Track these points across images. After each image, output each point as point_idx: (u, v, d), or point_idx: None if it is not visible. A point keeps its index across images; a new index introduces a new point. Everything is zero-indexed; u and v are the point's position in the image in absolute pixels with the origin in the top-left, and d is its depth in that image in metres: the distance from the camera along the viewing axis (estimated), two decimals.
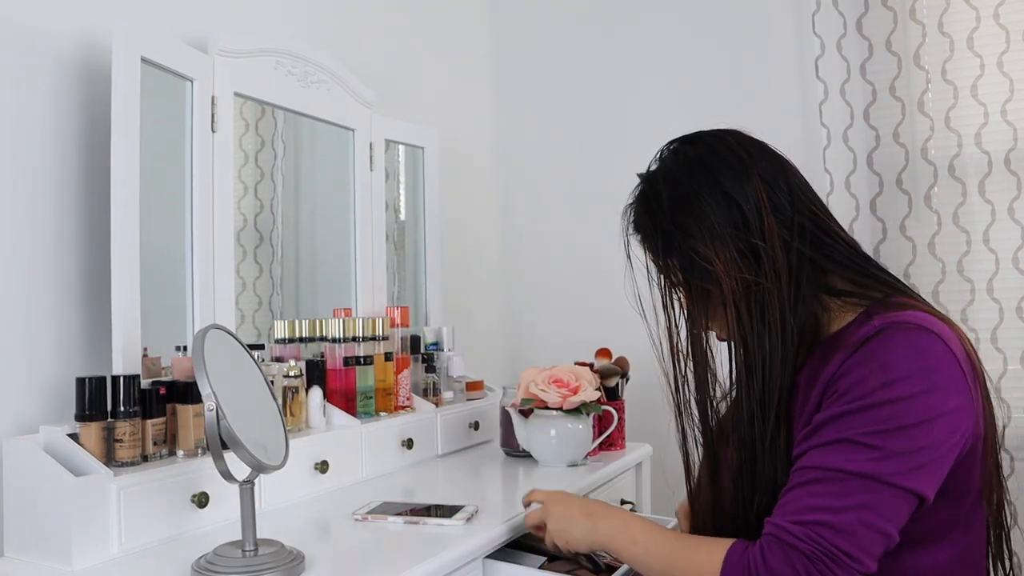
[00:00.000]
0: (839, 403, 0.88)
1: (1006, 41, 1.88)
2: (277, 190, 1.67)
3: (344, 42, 1.90)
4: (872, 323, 0.90)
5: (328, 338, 1.59)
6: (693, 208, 0.97)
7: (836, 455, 0.86)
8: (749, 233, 0.95)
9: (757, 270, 0.94)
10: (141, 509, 1.11)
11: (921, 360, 0.86)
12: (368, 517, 1.25)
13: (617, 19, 2.41)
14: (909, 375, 0.85)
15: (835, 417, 0.87)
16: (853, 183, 2.01)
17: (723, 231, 0.95)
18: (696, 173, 0.99)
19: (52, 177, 1.25)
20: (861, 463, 0.84)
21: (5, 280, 1.18)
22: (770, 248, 0.94)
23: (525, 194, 2.56)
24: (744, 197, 0.96)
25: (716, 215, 0.96)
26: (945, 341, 0.88)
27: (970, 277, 1.92)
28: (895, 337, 0.87)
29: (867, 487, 0.84)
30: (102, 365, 1.26)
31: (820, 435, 0.88)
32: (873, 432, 0.84)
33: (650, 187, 1.04)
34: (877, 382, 0.85)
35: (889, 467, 0.84)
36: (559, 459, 1.64)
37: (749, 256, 0.95)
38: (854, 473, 0.84)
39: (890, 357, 0.86)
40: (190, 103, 1.39)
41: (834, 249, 0.98)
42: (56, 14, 1.26)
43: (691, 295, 1.00)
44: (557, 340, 2.41)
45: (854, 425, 0.86)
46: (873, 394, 0.85)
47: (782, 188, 0.98)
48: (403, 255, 2.01)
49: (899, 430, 0.84)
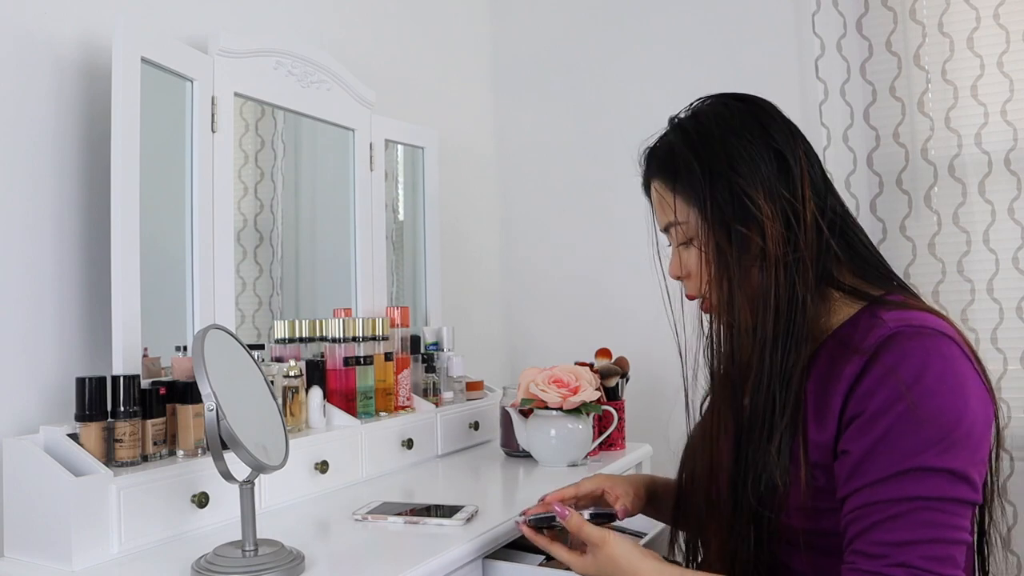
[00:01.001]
0: (879, 429, 0.82)
1: (1006, 41, 1.88)
2: (277, 190, 1.67)
3: (344, 42, 1.90)
4: (885, 324, 0.86)
5: (328, 338, 1.59)
6: (744, 152, 0.91)
7: (907, 485, 0.80)
8: (794, 197, 0.90)
9: (796, 239, 0.89)
10: (141, 509, 1.11)
11: (948, 367, 0.82)
12: (368, 517, 1.25)
13: (617, 19, 2.41)
14: (942, 385, 0.81)
15: (884, 446, 0.81)
16: (853, 183, 2.01)
17: (773, 184, 0.90)
18: (748, 122, 0.93)
19: (52, 177, 1.25)
20: (933, 487, 0.79)
21: (5, 280, 1.18)
22: (808, 220, 0.90)
23: (525, 194, 2.56)
24: (794, 160, 0.91)
25: (767, 166, 0.90)
26: (960, 346, 0.86)
27: (970, 277, 1.91)
28: (913, 344, 0.83)
29: (947, 508, 0.79)
30: (102, 365, 1.26)
31: (873, 468, 0.82)
32: (932, 451, 0.80)
33: (694, 123, 0.96)
34: (917, 395, 0.80)
35: (960, 490, 0.80)
36: (559, 459, 1.64)
37: (792, 221, 0.89)
38: (934, 498, 0.79)
39: (917, 367, 0.82)
40: (190, 103, 1.39)
41: (856, 240, 0.95)
42: (56, 14, 1.26)
43: (730, 241, 0.92)
44: (557, 340, 2.42)
45: (908, 451, 0.80)
46: (915, 411, 0.80)
47: (817, 169, 0.95)
48: (403, 255, 2.01)
49: (953, 442, 0.80)
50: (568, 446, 1.63)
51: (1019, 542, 1.87)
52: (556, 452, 1.64)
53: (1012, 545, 1.87)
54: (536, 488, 1.48)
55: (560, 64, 2.50)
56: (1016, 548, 1.87)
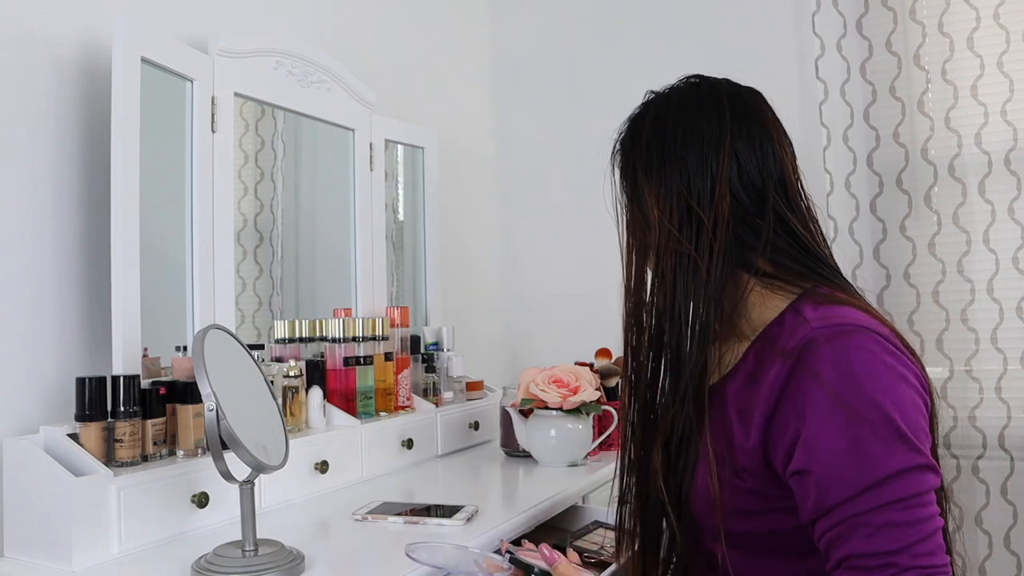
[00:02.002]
0: (832, 444, 0.81)
1: (1006, 41, 1.88)
2: (277, 190, 1.68)
3: (344, 42, 1.90)
4: (807, 324, 0.86)
5: (328, 338, 1.59)
6: (664, 151, 0.97)
7: (880, 494, 0.80)
8: (699, 196, 0.93)
9: (694, 238, 0.93)
10: (141, 509, 1.11)
11: (873, 361, 0.83)
12: (368, 517, 1.25)
13: (617, 19, 2.41)
14: (873, 382, 0.81)
15: (844, 459, 0.81)
16: (853, 183, 2.01)
17: (677, 184, 0.95)
18: (681, 116, 0.99)
19: (52, 177, 1.25)
20: (905, 487, 0.80)
21: (5, 280, 1.18)
22: (716, 217, 0.92)
23: (525, 194, 2.56)
24: (716, 158, 0.94)
25: (680, 165, 0.95)
26: (882, 337, 0.85)
27: (970, 277, 1.92)
28: (835, 346, 0.83)
29: (921, 500, 0.80)
30: (102, 365, 1.26)
31: (840, 485, 0.81)
32: (888, 453, 0.80)
33: (642, 111, 1.06)
34: (853, 400, 0.81)
35: (928, 480, 0.80)
36: (559, 459, 1.64)
37: (690, 218, 0.93)
38: (909, 496, 0.80)
39: (843, 370, 0.82)
40: (190, 103, 1.39)
41: (799, 235, 0.95)
42: (56, 14, 1.26)
43: (630, 233, 1.03)
44: (557, 340, 2.41)
45: (868, 459, 0.80)
46: (856, 416, 0.81)
47: (752, 162, 0.95)
48: (403, 255, 2.01)
49: (902, 435, 0.80)
50: (568, 446, 1.63)
51: (1019, 542, 1.87)
52: (556, 452, 1.64)
53: (1012, 545, 1.87)
54: (536, 488, 1.48)
55: (560, 64, 2.50)
56: (1016, 548, 1.87)
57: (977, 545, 1.89)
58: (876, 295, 1.99)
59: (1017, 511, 1.86)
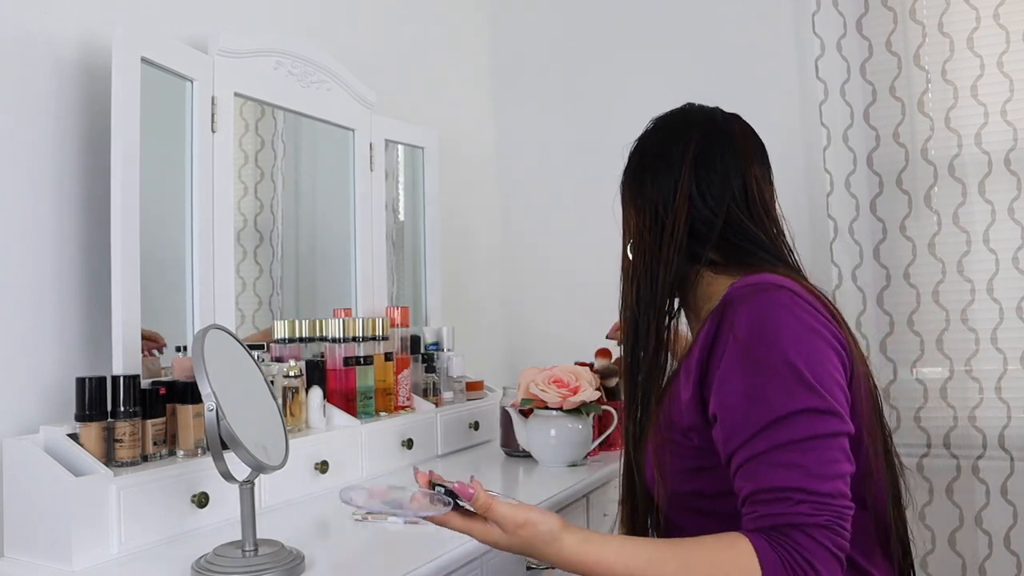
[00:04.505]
0: (738, 387, 0.90)
1: (1006, 41, 1.88)
2: (277, 190, 1.68)
3: (344, 42, 1.90)
4: (730, 288, 0.97)
5: (328, 338, 1.59)
6: (647, 169, 1.12)
7: (778, 432, 0.87)
8: (664, 207, 1.07)
9: (658, 237, 1.07)
10: (141, 509, 1.11)
11: (785, 314, 0.90)
12: (368, 517, 1.25)
13: (616, 19, 2.41)
14: (781, 333, 0.89)
15: (747, 402, 0.89)
16: (853, 183, 2.01)
17: (653, 195, 1.09)
18: (663, 142, 1.12)
19: (52, 177, 1.25)
20: (804, 428, 0.86)
21: (5, 280, 1.18)
22: (671, 222, 1.06)
23: (525, 194, 2.56)
24: (679, 174, 1.07)
25: (655, 179, 1.10)
26: (798, 294, 0.92)
27: (970, 277, 1.91)
28: (750, 302, 0.92)
29: (821, 443, 0.86)
30: (102, 365, 1.26)
31: (744, 426, 0.89)
32: (790, 396, 0.87)
33: (643, 138, 1.18)
34: (760, 348, 0.89)
35: (829, 424, 0.86)
36: (559, 459, 1.64)
37: (658, 223, 1.08)
38: (808, 437, 0.86)
39: (754, 321, 0.90)
40: (190, 103, 1.39)
41: (755, 236, 1.05)
42: (56, 14, 1.26)
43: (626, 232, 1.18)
44: (557, 340, 2.41)
45: (770, 402, 0.87)
46: (762, 363, 0.88)
47: (711, 177, 1.06)
48: (403, 255, 2.01)
49: (807, 383, 0.86)
50: (568, 446, 1.63)
51: (1019, 542, 1.87)
52: (556, 452, 1.64)
53: (1012, 545, 1.87)
54: (536, 488, 1.48)
55: (560, 64, 2.50)
56: (1016, 548, 1.87)
57: (977, 545, 1.89)
58: (876, 295, 1.98)
59: (1017, 511, 1.86)
